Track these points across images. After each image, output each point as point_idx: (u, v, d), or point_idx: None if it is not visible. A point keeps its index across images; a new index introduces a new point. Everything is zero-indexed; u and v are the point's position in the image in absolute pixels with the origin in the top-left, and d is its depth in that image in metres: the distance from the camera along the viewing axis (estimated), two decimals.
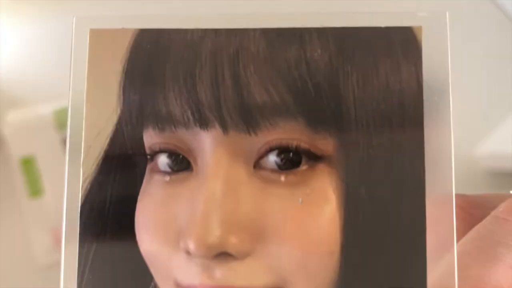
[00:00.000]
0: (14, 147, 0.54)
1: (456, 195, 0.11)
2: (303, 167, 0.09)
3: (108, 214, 0.10)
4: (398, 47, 0.11)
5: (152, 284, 0.10)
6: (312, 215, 0.09)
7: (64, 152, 0.49)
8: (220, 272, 0.09)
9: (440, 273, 0.09)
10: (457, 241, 0.10)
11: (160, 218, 0.10)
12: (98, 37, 0.10)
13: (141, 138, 0.10)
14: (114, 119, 0.10)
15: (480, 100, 0.57)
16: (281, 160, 0.09)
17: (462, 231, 0.10)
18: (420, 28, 0.11)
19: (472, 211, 0.11)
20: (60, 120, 0.54)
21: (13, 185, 0.54)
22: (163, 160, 0.10)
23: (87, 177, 0.10)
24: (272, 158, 0.09)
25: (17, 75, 0.57)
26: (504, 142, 0.53)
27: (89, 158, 0.10)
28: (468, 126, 0.57)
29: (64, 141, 0.54)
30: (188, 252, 0.09)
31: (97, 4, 0.58)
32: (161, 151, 0.10)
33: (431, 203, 0.10)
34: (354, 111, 0.10)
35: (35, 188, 0.53)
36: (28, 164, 0.54)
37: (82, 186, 0.10)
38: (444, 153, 0.10)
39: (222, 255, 0.09)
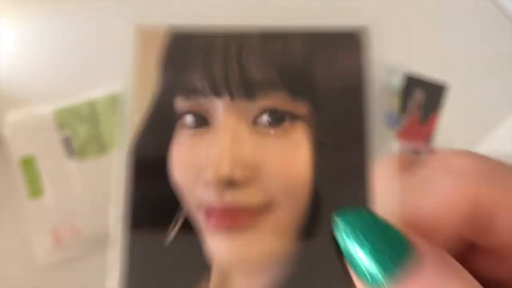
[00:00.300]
0: (14, 147, 0.54)
1: (399, 155, 0.15)
2: (286, 124, 0.14)
3: (150, 157, 0.14)
4: (353, 41, 0.14)
5: (180, 209, 0.14)
6: (292, 156, 0.14)
7: (64, 152, 0.50)
8: (229, 195, 0.14)
9: (384, 205, 0.13)
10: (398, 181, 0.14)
11: (187, 159, 0.14)
12: (142, 32, 0.14)
13: (173, 103, 0.15)
14: (154, 92, 0.14)
15: (480, 100, 0.57)
16: (271, 118, 0.14)
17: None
18: (369, 27, 0.14)
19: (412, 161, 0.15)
20: (60, 120, 0.54)
21: (13, 185, 0.54)
22: (189, 119, 0.15)
23: (134, 133, 0.14)
24: (265, 117, 0.14)
25: (17, 75, 0.57)
26: (504, 142, 0.53)
27: (135, 119, 0.14)
28: (468, 126, 0.57)
29: (64, 141, 0.54)
30: (207, 183, 0.14)
31: (98, 4, 0.58)
32: (188, 112, 0.14)
33: (371, 161, 0.14)
34: (321, 86, 0.14)
35: (35, 188, 0.53)
36: (28, 164, 0.54)
37: (131, 140, 0.14)
38: (378, 127, 0.14)
39: (230, 184, 0.14)
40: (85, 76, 0.57)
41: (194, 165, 0.14)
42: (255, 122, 0.14)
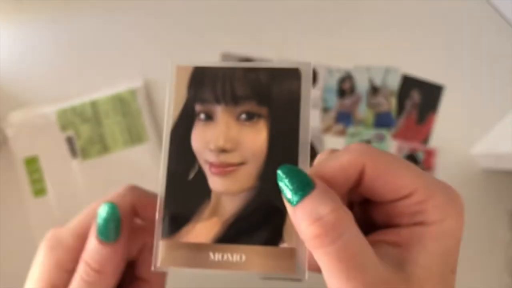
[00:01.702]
0: (18, 147, 0.54)
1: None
2: (255, 120, 0.24)
3: (181, 135, 0.24)
4: (292, 75, 0.24)
5: (196, 163, 0.24)
6: (257, 137, 0.24)
7: (67, 152, 0.50)
8: (222, 157, 0.24)
9: (309, 167, 0.23)
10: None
11: (200, 137, 0.24)
12: (180, 69, 0.25)
13: (194, 107, 0.24)
14: (184, 101, 0.25)
15: (476, 103, 0.58)
16: (247, 116, 0.24)
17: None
18: (301, 68, 0.24)
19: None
20: (63, 120, 0.55)
21: (17, 185, 0.54)
22: (202, 116, 0.24)
23: (173, 122, 0.25)
24: (243, 116, 0.24)
25: (21, 76, 0.57)
26: (499, 142, 0.54)
27: (174, 115, 0.25)
28: (465, 127, 0.58)
29: (67, 141, 0.54)
30: (210, 150, 0.24)
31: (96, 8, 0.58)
32: (202, 112, 0.24)
33: (302, 142, 0.23)
34: (275, 98, 0.24)
35: (38, 188, 0.54)
36: (31, 164, 0.54)
37: (171, 128, 0.25)
38: (307, 123, 0.24)
39: (223, 151, 0.24)
40: (87, 77, 0.57)
41: (204, 140, 0.24)
42: (238, 118, 0.24)
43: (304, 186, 0.20)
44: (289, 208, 0.21)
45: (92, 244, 0.25)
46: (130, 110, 0.55)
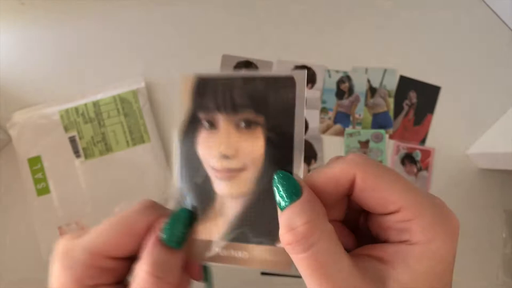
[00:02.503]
0: (21, 147, 0.55)
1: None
2: (252, 127, 0.25)
3: (188, 143, 0.26)
4: (287, 83, 0.25)
5: (201, 168, 0.25)
6: (255, 144, 0.24)
7: (70, 151, 0.50)
8: (224, 163, 0.25)
9: (300, 172, 0.24)
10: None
11: (205, 144, 0.25)
12: (183, 78, 0.26)
13: (198, 115, 0.25)
14: (189, 109, 0.26)
15: (472, 104, 0.58)
16: (245, 124, 0.25)
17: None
18: (295, 77, 0.25)
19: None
20: (66, 120, 0.55)
21: (21, 184, 0.55)
22: (205, 124, 0.25)
23: (180, 129, 0.26)
24: (242, 123, 0.25)
25: (24, 77, 0.58)
26: (494, 142, 0.54)
27: (179, 124, 0.26)
28: (462, 128, 0.58)
29: (70, 140, 0.55)
30: (214, 156, 0.25)
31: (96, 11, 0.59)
32: (205, 120, 0.25)
33: (297, 147, 0.24)
34: (271, 107, 0.25)
35: (41, 187, 0.54)
36: (34, 164, 0.55)
37: (179, 135, 0.26)
38: (301, 128, 0.24)
39: (225, 157, 0.25)
40: (89, 78, 0.58)
41: (208, 147, 0.25)
42: (237, 126, 0.25)
43: (291, 195, 0.22)
44: (278, 212, 0.22)
45: (158, 251, 0.23)
46: (132, 111, 0.55)
